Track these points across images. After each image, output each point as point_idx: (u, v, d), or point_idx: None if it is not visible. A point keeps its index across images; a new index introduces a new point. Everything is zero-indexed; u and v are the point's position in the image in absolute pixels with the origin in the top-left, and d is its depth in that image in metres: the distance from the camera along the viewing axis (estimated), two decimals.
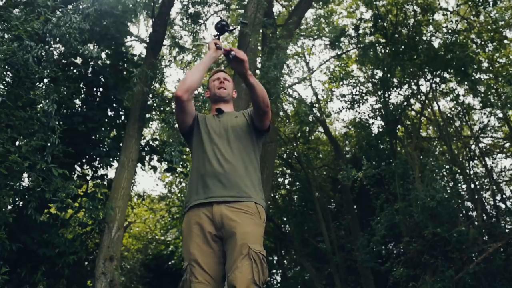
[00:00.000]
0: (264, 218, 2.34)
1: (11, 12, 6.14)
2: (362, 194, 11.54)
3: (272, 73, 7.70)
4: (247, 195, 2.29)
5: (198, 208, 2.30)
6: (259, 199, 2.34)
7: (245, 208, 2.25)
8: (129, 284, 13.48)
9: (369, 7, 11.41)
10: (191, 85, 2.38)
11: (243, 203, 2.26)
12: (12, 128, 6.00)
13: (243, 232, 2.16)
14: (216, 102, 2.62)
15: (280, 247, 14.79)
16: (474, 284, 8.47)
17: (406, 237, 8.98)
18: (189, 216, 2.33)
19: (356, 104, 11.78)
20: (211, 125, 2.48)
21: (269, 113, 2.46)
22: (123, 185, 7.59)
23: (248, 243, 2.13)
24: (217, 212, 2.24)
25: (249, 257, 2.09)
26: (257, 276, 2.08)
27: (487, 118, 10.92)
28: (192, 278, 2.17)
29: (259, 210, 2.31)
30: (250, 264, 2.08)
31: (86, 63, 8.84)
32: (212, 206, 2.26)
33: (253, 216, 2.25)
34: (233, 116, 2.55)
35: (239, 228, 2.17)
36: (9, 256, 5.96)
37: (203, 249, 2.21)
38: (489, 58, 10.82)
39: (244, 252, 2.10)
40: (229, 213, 2.22)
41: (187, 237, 2.29)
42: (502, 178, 11.39)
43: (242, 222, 2.19)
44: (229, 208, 2.24)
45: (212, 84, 2.66)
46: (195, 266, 2.18)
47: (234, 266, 2.09)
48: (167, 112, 8.56)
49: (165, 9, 8.82)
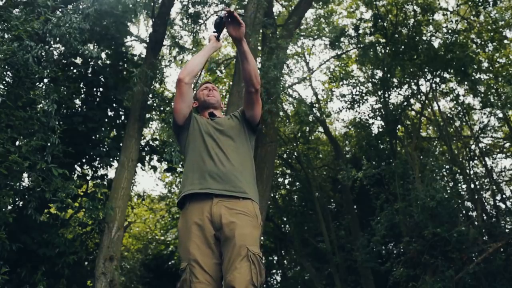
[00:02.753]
0: (260, 220, 2.36)
1: (11, 12, 6.14)
2: (362, 194, 11.54)
3: (272, 73, 7.71)
4: (242, 191, 2.30)
5: (196, 206, 2.29)
6: (254, 196, 2.36)
7: (244, 210, 2.25)
8: (129, 284, 13.48)
9: (369, 7, 11.41)
10: (193, 69, 2.46)
11: (241, 203, 2.27)
12: (12, 128, 6.00)
13: (242, 233, 2.17)
14: (207, 109, 2.67)
15: (280, 247, 14.79)
16: (474, 284, 8.47)
17: (406, 237, 8.98)
18: (187, 215, 2.31)
19: (356, 104, 11.78)
20: (205, 125, 2.50)
21: (259, 97, 2.48)
22: (123, 185, 7.59)
23: (246, 244, 2.13)
24: (216, 212, 2.24)
25: (248, 259, 2.10)
26: (255, 278, 2.09)
27: (487, 118, 10.93)
28: (193, 278, 2.16)
29: (257, 211, 2.32)
30: (249, 266, 2.09)
31: (86, 63, 8.85)
32: (211, 206, 2.25)
33: (252, 218, 2.26)
34: (226, 118, 2.60)
35: (238, 230, 2.17)
36: (9, 256, 5.96)
37: (202, 249, 2.21)
38: (489, 58, 10.82)
39: (242, 254, 2.11)
40: (228, 214, 2.22)
41: (185, 237, 2.27)
42: (502, 178, 11.39)
43: (241, 223, 2.20)
44: (228, 209, 2.24)
45: (200, 93, 2.71)
46: (195, 266, 2.17)
47: (232, 267, 2.09)
48: (167, 112, 8.57)
49: (165, 9, 8.82)
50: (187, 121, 2.51)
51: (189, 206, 2.32)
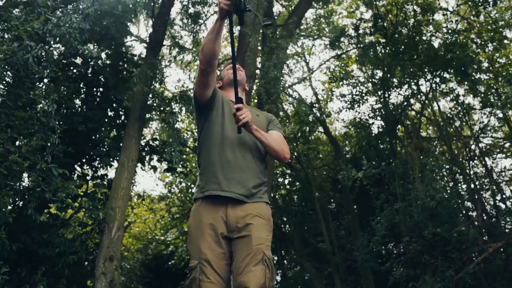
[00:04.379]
0: (272, 223, 2.36)
1: (11, 12, 6.13)
2: (362, 194, 11.54)
3: (272, 73, 7.71)
4: (260, 195, 2.31)
5: (212, 206, 2.26)
6: (268, 199, 2.39)
7: (260, 212, 2.26)
8: (129, 284, 13.49)
9: (369, 7, 11.41)
10: (211, 54, 2.24)
11: (257, 205, 2.27)
12: (12, 128, 6.00)
13: (259, 237, 2.18)
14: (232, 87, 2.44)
15: (280, 247, 14.78)
16: (474, 284, 8.47)
17: (406, 237, 8.99)
18: (200, 212, 2.28)
19: (356, 104, 11.78)
20: (230, 111, 2.38)
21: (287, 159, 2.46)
22: (123, 185, 7.59)
23: (263, 249, 2.16)
24: (232, 214, 2.23)
25: (263, 263, 2.12)
26: (268, 282, 2.11)
27: (487, 118, 10.93)
28: (203, 277, 2.15)
29: (269, 214, 2.34)
30: (264, 270, 2.11)
31: (86, 63, 8.84)
32: (227, 207, 2.24)
33: (267, 221, 2.28)
34: (254, 112, 2.49)
35: (254, 233, 2.18)
36: (9, 256, 5.96)
37: (215, 249, 2.19)
38: (489, 58, 10.82)
39: (258, 258, 2.12)
40: (245, 216, 2.22)
41: (197, 234, 2.24)
42: (502, 178, 11.39)
43: (257, 226, 2.21)
44: (245, 211, 2.24)
45: (225, 73, 2.59)
46: (206, 266, 2.17)
47: (247, 269, 2.10)
48: (167, 112, 8.56)
49: (165, 9, 8.81)
50: (212, 100, 2.39)
51: (203, 204, 2.29)
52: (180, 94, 8.22)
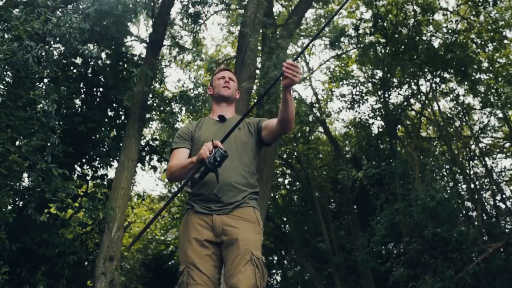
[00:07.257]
0: (262, 226, 2.40)
1: (11, 12, 6.13)
2: (362, 194, 11.54)
3: (272, 73, 7.70)
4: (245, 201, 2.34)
5: (198, 213, 2.33)
6: (256, 204, 2.41)
7: (245, 216, 2.30)
8: (129, 284, 13.49)
9: (369, 7, 11.42)
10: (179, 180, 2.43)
11: (243, 210, 2.30)
12: (12, 128, 5.99)
13: (245, 238, 2.21)
14: (219, 102, 2.60)
15: (280, 247, 14.79)
16: (474, 284, 8.47)
17: (406, 237, 8.99)
18: (189, 219, 2.36)
19: (356, 104, 11.79)
20: (213, 132, 2.42)
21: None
22: (123, 185, 7.58)
23: (250, 249, 2.18)
24: (217, 220, 2.28)
25: (252, 263, 2.14)
26: (259, 282, 2.12)
27: (487, 118, 10.94)
28: (190, 280, 2.19)
29: (258, 217, 2.36)
30: (253, 270, 2.13)
31: (86, 63, 8.84)
32: (213, 215, 2.29)
33: (254, 224, 2.31)
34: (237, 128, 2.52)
35: (241, 235, 2.21)
36: (9, 256, 5.95)
37: (200, 252, 2.24)
38: (489, 58, 10.82)
39: (247, 258, 2.15)
40: (230, 221, 2.26)
41: (184, 240, 2.32)
42: (502, 178, 11.39)
43: (243, 228, 2.24)
44: (230, 216, 2.28)
45: (216, 82, 2.62)
46: (193, 269, 2.21)
47: (237, 270, 2.12)
48: (167, 112, 8.55)
49: (165, 9, 8.81)
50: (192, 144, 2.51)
51: (191, 212, 2.37)
52: (180, 94, 8.22)
